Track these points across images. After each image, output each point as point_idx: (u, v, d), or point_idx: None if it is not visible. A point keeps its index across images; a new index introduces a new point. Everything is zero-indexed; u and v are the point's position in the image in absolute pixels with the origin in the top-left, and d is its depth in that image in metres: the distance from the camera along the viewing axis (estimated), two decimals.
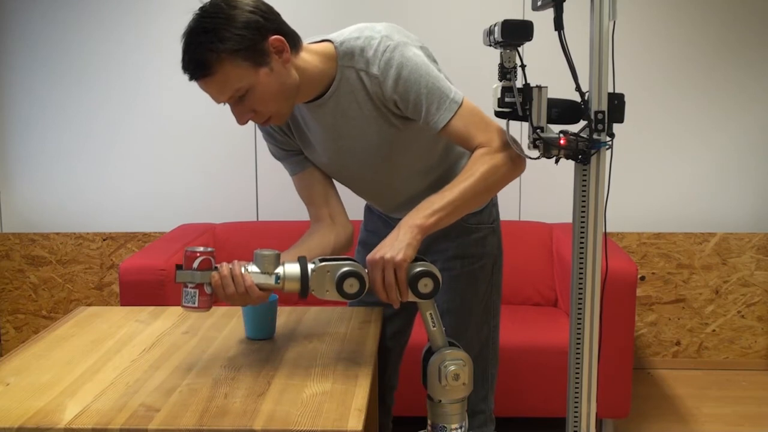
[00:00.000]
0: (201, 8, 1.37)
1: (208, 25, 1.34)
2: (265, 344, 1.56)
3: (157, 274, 2.46)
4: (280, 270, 1.37)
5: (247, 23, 1.35)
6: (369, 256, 1.36)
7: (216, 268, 1.39)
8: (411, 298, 1.37)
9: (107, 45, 3.15)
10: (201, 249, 1.39)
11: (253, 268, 1.38)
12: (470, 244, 1.69)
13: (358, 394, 1.30)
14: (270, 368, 1.42)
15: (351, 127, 1.54)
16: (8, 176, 3.27)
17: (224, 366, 1.44)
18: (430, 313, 1.41)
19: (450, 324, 1.66)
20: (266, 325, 1.60)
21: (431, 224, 1.38)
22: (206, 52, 1.34)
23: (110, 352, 1.53)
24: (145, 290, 2.46)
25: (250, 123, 1.47)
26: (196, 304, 1.39)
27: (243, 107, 1.43)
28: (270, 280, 1.37)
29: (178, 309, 1.84)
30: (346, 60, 1.48)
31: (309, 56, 1.47)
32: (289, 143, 1.67)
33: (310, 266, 1.36)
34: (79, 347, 1.56)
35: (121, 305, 2.25)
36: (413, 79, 1.43)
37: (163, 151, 3.21)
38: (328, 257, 1.39)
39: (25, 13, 3.14)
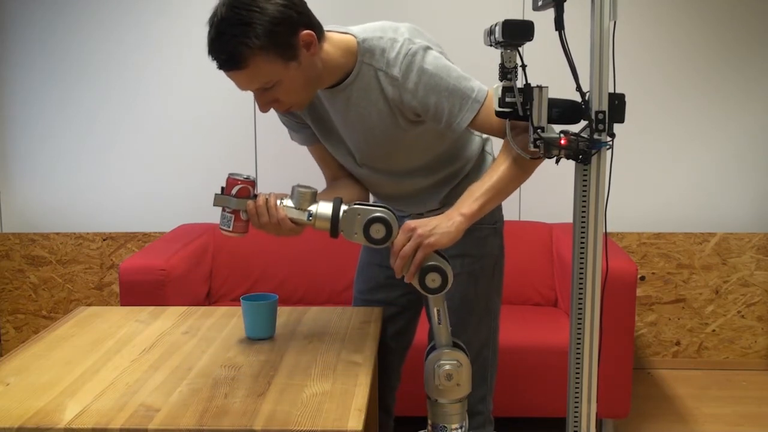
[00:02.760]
0: None
1: (243, 18, 1.32)
2: (265, 344, 1.56)
3: (157, 274, 2.46)
4: (313, 208, 1.41)
5: (282, 19, 1.34)
6: (407, 222, 1.40)
7: (255, 196, 1.43)
8: (415, 284, 1.38)
9: (107, 45, 3.15)
10: (243, 177, 1.44)
11: (288, 202, 1.42)
12: (471, 244, 1.69)
13: (358, 394, 1.30)
14: (270, 368, 1.42)
15: (358, 121, 1.55)
16: (8, 176, 3.27)
17: (224, 366, 1.44)
18: (438, 310, 1.41)
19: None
20: (266, 325, 1.60)
21: (476, 210, 1.42)
22: (240, 46, 1.33)
23: (110, 352, 1.53)
24: (145, 290, 2.45)
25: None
26: (231, 228, 1.45)
27: (267, 96, 1.43)
28: (303, 216, 1.41)
29: (178, 309, 1.84)
30: (366, 57, 1.48)
31: (330, 47, 1.47)
32: (299, 119, 1.69)
33: (344, 207, 1.40)
34: (79, 347, 1.56)
35: (121, 305, 2.25)
36: (433, 83, 1.44)
37: (163, 151, 3.21)
38: (364, 202, 1.42)
39: (26, 13, 3.14)
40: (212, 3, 1.46)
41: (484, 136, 1.71)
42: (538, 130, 1.31)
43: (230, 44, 1.33)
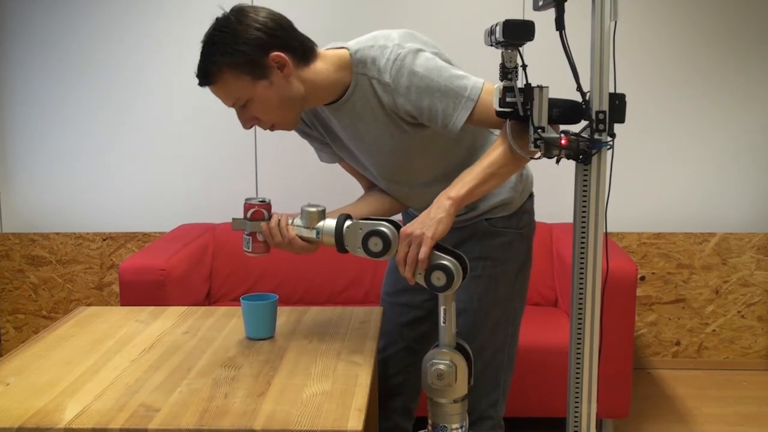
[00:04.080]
0: (217, 19, 1.47)
1: (216, 38, 1.45)
2: (265, 344, 1.56)
3: (157, 274, 2.46)
4: (320, 225, 1.48)
5: (249, 39, 1.43)
6: (402, 229, 1.42)
7: (270, 218, 1.52)
8: (422, 282, 1.40)
9: (107, 45, 3.15)
10: (258, 201, 1.54)
11: (298, 221, 1.51)
12: (495, 247, 1.68)
13: (358, 394, 1.30)
14: (270, 368, 1.42)
15: (366, 132, 1.57)
16: (8, 176, 3.27)
17: (224, 366, 1.44)
18: (445, 309, 1.41)
19: (464, 324, 1.65)
20: (266, 325, 1.60)
21: (464, 194, 1.41)
22: (209, 63, 1.45)
23: (110, 352, 1.53)
24: (145, 290, 2.45)
25: None
26: (251, 249, 1.55)
27: (246, 113, 1.51)
28: (312, 234, 1.50)
29: (178, 309, 1.84)
30: (360, 68, 1.51)
31: (323, 64, 1.51)
32: (321, 138, 1.72)
33: (347, 223, 1.45)
34: (79, 347, 1.56)
35: (121, 305, 2.25)
36: (424, 84, 1.45)
37: (163, 151, 3.21)
38: (372, 217, 1.47)
39: (26, 13, 3.14)
40: (212, 3, 1.48)
41: None
42: (539, 130, 1.31)
43: (204, 62, 1.46)
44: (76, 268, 3.28)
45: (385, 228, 1.41)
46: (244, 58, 1.43)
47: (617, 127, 1.28)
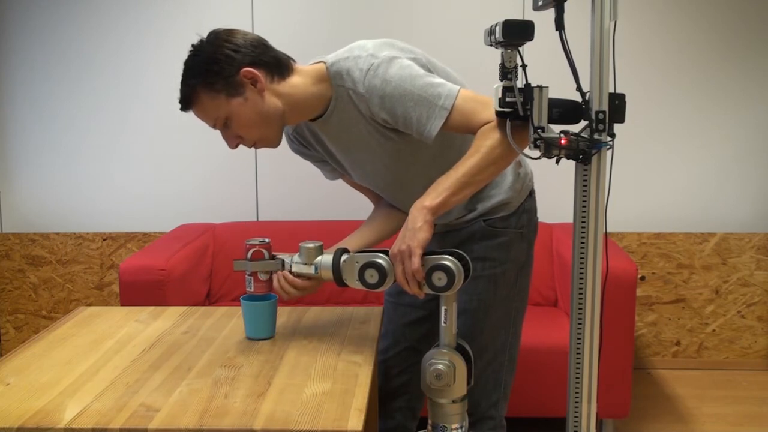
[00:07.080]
0: (193, 45, 1.50)
1: (189, 63, 1.50)
2: (265, 344, 1.57)
3: (157, 274, 2.46)
4: (318, 260, 1.51)
5: (219, 59, 1.46)
6: (389, 253, 1.43)
7: (273, 257, 1.56)
8: (430, 290, 1.40)
9: (107, 45, 3.15)
10: (257, 241, 1.56)
11: (297, 259, 1.54)
12: (494, 248, 1.67)
13: (358, 394, 1.30)
14: (270, 368, 1.42)
15: (354, 142, 1.57)
16: (8, 176, 3.27)
17: (224, 366, 1.44)
18: (446, 309, 1.41)
19: (465, 325, 1.65)
20: (266, 325, 1.60)
21: (439, 204, 1.41)
22: (186, 87, 1.48)
23: (110, 352, 1.53)
24: (145, 290, 2.45)
25: None
26: (252, 289, 1.57)
27: (229, 132, 1.54)
28: (310, 270, 1.52)
29: (178, 309, 1.84)
30: (337, 80, 1.52)
31: (301, 79, 1.53)
32: (319, 156, 1.73)
33: (344, 257, 1.47)
34: (79, 347, 1.56)
35: (121, 305, 2.25)
36: (398, 94, 1.45)
37: (162, 151, 3.21)
38: (367, 249, 1.51)
39: (27, 12, 3.14)
40: (211, 3, 1.47)
41: None
42: (539, 130, 1.31)
43: (181, 87, 1.50)
44: (76, 268, 3.28)
45: (380, 260, 1.43)
46: (216, 77, 1.46)
47: (617, 127, 1.28)
